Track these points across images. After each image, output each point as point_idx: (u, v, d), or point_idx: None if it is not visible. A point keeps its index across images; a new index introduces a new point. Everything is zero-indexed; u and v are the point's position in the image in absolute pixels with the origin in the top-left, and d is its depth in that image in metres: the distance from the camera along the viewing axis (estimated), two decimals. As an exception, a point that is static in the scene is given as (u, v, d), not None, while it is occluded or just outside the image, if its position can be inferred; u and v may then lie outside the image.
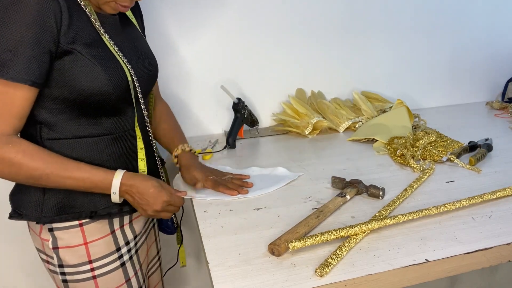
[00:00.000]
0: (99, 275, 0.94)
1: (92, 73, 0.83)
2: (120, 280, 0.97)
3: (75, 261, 0.92)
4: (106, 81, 0.84)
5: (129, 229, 0.99)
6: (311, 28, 1.53)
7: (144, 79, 0.97)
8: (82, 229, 0.91)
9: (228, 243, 0.84)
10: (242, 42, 1.48)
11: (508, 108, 1.68)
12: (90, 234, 0.92)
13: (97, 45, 0.86)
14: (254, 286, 0.71)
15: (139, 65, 0.95)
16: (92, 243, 0.92)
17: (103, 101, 0.86)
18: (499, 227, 0.86)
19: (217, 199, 1.01)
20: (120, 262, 0.97)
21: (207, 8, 1.41)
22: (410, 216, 0.88)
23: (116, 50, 0.89)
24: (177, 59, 1.43)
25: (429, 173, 1.11)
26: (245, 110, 1.41)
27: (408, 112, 1.46)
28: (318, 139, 1.44)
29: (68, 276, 0.94)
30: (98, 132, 0.90)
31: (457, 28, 1.71)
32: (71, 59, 0.81)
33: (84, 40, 0.83)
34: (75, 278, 0.93)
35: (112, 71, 0.86)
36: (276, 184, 1.08)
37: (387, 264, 0.76)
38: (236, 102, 1.39)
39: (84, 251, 0.92)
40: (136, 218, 1.02)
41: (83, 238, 0.91)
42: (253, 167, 1.19)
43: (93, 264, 0.93)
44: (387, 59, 1.67)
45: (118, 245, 0.96)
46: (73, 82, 0.82)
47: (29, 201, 0.89)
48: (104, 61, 0.85)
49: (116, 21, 0.93)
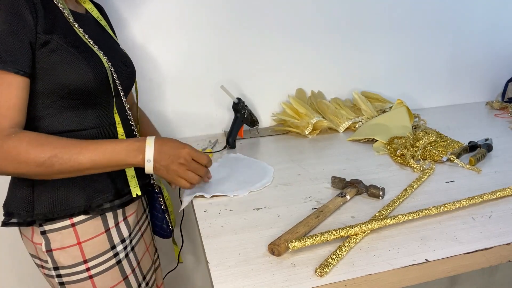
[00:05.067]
0: (95, 274, 0.93)
1: (72, 62, 0.84)
2: (117, 278, 0.96)
3: (70, 262, 0.91)
4: (87, 68, 0.85)
5: (124, 226, 0.98)
6: (311, 28, 1.53)
7: (123, 75, 0.98)
8: (74, 229, 0.90)
9: (228, 243, 0.84)
10: (242, 42, 1.48)
11: (508, 108, 1.68)
12: (83, 233, 0.91)
13: (73, 37, 0.87)
14: (254, 286, 0.71)
15: (116, 60, 0.96)
16: (86, 242, 0.91)
17: (85, 90, 0.86)
18: (499, 227, 0.86)
19: (216, 195, 1.03)
20: (116, 260, 0.96)
21: (207, 8, 1.41)
22: (410, 216, 0.88)
23: (91, 43, 0.90)
24: (176, 59, 1.43)
25: (429, 173, 1.11)
26: (245, 110, 1.42)
27: (408, 112, 1.46)
28: (318, 139, 1.44)
29: (64, 278, 0.93)
30: (84, 126, 0.90)
31: (457, 28, 1.71)
32: (50, 49, 0.82)
33: (61, 31, 0.84)
34: (72, 279, 0.92)
35: (91, 59, 0.87)
36: (255, 184, 1.09)
37: (387, 264, 0.76)
38: (236, 102, 1.39)
39: (78, 251, 0.91)
40: (130, 216, 1.01)
41: (76, 238, 0.90)
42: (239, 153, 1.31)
43: (88, 264, 0.92)
44: (387, 59, 1.68)
45: (113, 243, 0.95)
46: (54, 73, 0.83)
47: (20, 200, 0.88)
48: (82, 50, 0.87)
49: (90, 20, 0.97)
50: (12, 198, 0.90)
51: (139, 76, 1.33)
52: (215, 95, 1.50)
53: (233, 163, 1.23)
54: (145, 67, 1.40)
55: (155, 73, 1.42)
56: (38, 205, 0.87)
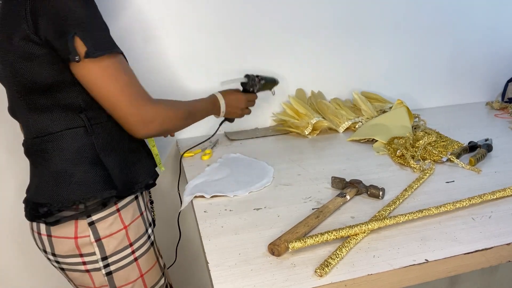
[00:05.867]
0: (139, 256, 1.00)
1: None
2: (153, 259, 1.05)
3: (119, 247, 0.96)
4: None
5: (148, 212, 1.06)
6: (311, 28, 1.53)
7: None
8: (119, 214, 0.95)
9: (228, 243, 0.84)
10: (242, 43, 1.48)
11: (508, 108, 1.68)
12: (126, 218, 0.96)
13: None
14: (254, 286, 0.71)
15: None
16: (129, 226, 0.97)
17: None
18: (499, 227, 0.86)
19: (216, 195, 1.03)
20: (150, 241, 1.04)
21: (207, 8, 1.41)
22: (410, 216, 0.88)
23: None
24: (176, 59, 1.43)
25: (429, 173, 1.11)
26: (257, 84, 1.30)
27: (408, 112, 1.46)
28: (318, 139, 1.44)
29: (112, 266, 0.96)
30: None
31: (457, 28, 1.71)
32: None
33: None
34: (120, 265, 0.97)
35: None
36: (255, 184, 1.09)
37: (387, 264, 0.76)
38: (245, 82, 1.29)
39: (125, 235, 0.96)
40: (148, 201, 1.08)
41: (122, 223, 0.96)
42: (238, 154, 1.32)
43: (133, 246, 0.98)
44: (387, 59, 1.68)
45: (146, 225, 1.03)
46: None
47: (98, 182, 0.91)
48: None
49: None
50: (85, 183, 0.90)
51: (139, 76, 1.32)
52: (215, 95, 1.50)
53: (233, 163, 1.23)
54: (144, 67, 1.39)
55: (154, 73, 1.42)
56: (118, 183, 0.93)
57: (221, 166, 1.21)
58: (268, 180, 1.11)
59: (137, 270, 1.00)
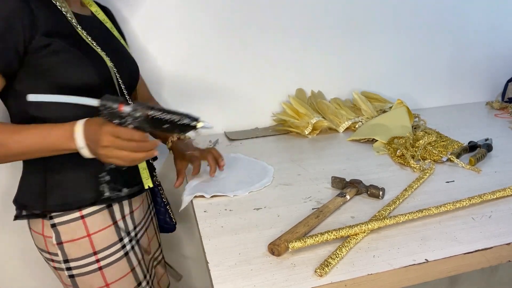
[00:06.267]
0: (104, 265, 0.96)
1: (75, 62, 0.85)
2: (125, 269, 0.99)
3: (80, 254, 0.94)
4: (90, 67, 0.87)
5: (130, 220, 1.02)
6: (311, 28, 1.53)
7: (126, 75, 1.00)
8: (84, 221, 0.93)
9: (228, 243, 0.84)
10: (242, 43, 1.48)
11: (508, 108, 1.68)
12: (92, 225, 0.93)
13: (76, 38, 0.89)
14: (254, 286, 0.71)
15: (118, 60, 0.98)
16: (95, 234, 0.94)
17: (88, 89, 0.86)
18: (499, 227, 0.86)
19: (216, 195, 1.03)
20: (123, 251, 0.99)
21: (207, 8, 1.41)
22: (410, 216, 0.88)
23: (94, 44, 0.92)
24: (176, 59, 1.43)
25: (429, 173, 1.11)
26: (126, 114, 0.75)
27: (408, 112, 1.46)
28: (318, 139, 1.44)
29: (74, 270, 0.95)
30: None
31: (457, 28, 1.71)
32: (52, 50, 0.83)
33: (63, 33, 0.86)
34: (82, 272, 0.95)
35: (94, 59, 0.89)
36: (255, 184, 1.09)
37: (387, 264, 0.76)
38: (99, 106, 0.75)
39: (88, 243, 0.93)
40: (136, 210, 1.04)
41: (86, 230, 0.93)
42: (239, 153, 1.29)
43: (98, 256, 0.95)
44: (387, 59, 1.68)
45: (121, 235, 0.98)
46: (57, 73, 0.84)
47: (32, 193, 0.91)
48: (85, 51, 0.88)
49: (94, 21, 0.99)
50: (25, 192, 0.93)
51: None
52: (215, 95, 1.50)
53: (233, 163, 1.23)
54: (144, 67, 1.39)
55: (154, 73, 1.42)
56: (50, 197, 0.90)
57: None
58: (268, 180, 1.11)
59: (102, 279, 0.96)
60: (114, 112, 0.74)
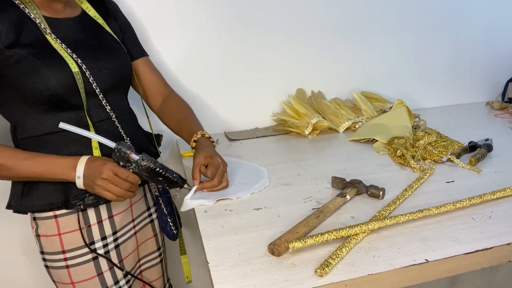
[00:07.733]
0: (71, 265, 1.00)
1: (35, 71, 0.88)
2: (91, 273, 1.02)
3: (52, 250, 0.99)
4: (49, 75, 0.89)
5: (108, 225, 1.03)
6: (311, 28, 1.53)
7: (104, 74, 1.00)
8: (56, 220, 0.98)
9: (228, 243, 0.84)
10: (242, 42, 1.48)
11: (508, 108, 1.68)
12: (64, 226, 0.98)
13: (40, 44, 0.91)
14: (254, 286, 0.71)
15: (97, 60, 0.98)
16: (65, 234, 0.98)
17: (51, 95, 0.91)
18: (499, 227, 0.86)
19: (219, 199, 1.02)
20: (92, 256, 1.01)
21: (207, 8, 1.41)
22: (410, 216, 0.88)
23: (63, 47, 0.93)
24: (176, 59, 1.43)
25: (429, 173, 1.11)
26: (133, 162, 0.93)
27: (408, 112, 1.46)
28: (318, 139, 1.44)
29: (48, 262, 1.02)
30: (59, 129, 0.90)
31: (457, 28, 1.71)
32: (15, 61, 0.87)
33: (27, 42, 0.89)
34: (53, 265, 1.01)
35: (56, 66, 0.90)
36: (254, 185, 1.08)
37: (387, 264, 0.76)
38: (115, 148, 0.92)
39: (58, 241, 0.99)
40: (117, 214, 1.05)
41: (57, 229, 0.98)
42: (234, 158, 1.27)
43: (66, 255, 0.99)
44: (387, 59, 1.68)
45: (93, 239, 1.01)
46: (22, 81, 0.89)
47: (14, 193, 0.98)
48: (46, 57, 0.90)
49: (73, 23, 0.99)
50: (12, 192, 1.00)
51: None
52: (214, 94, 1.50)
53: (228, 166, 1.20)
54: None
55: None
56: (24, 198, 0.97)
57: None
58: (265, 180, 1.11)
59: (68, 276, 1.01)
60: (124, 156, 0.91)
